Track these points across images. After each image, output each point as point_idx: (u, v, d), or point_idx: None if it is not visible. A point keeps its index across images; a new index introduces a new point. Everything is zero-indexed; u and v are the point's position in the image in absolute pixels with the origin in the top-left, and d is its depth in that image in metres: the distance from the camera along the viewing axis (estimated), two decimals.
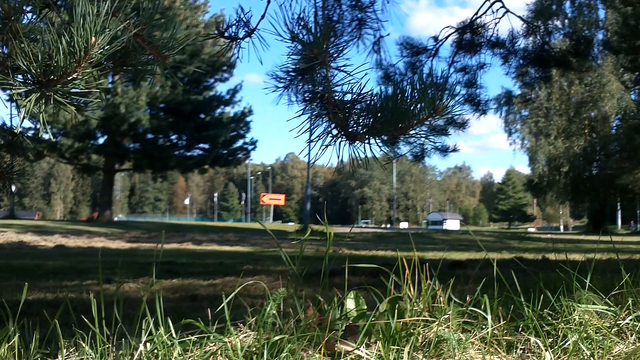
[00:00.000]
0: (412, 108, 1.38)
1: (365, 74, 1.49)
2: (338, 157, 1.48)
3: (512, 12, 5.63)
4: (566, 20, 35.06)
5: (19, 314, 1.38)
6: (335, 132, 1.49)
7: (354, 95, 1.48)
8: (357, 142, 1.48)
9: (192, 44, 21.10)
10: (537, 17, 26.19)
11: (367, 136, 1.47)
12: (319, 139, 1.49)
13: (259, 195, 78.90)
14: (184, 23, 22.92)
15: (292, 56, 1.52)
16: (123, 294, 3.57)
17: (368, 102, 1.47)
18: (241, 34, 1.91)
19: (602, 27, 33.86)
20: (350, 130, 1.48)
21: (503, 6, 5.57)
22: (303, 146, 1.50)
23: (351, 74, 1.49)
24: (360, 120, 1.47)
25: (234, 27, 1.91)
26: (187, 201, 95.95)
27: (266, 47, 1.87)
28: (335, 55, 1.51)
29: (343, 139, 1.49)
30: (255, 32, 1.89)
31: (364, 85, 1.48)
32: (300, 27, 1.48)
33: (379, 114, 1.43)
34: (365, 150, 1.49)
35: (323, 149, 1.50)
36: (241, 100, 48.66)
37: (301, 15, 1.48)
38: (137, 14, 1.37)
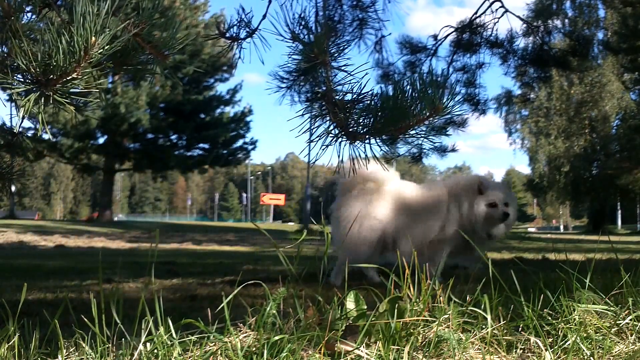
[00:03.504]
0: (412, 108, 1.38)
1: (366, 74, 1.49)
2: (339, 156, 1.48)
3: (511, 12, 5.63)
4: (566, 20, 35.05)
5: (19, 314, 1.38)
6: (335, 131, 1.50)
7: (354, 95, 1.48)
8: (358, 141, 1.48)
9: (192, 44, 21.09)
10: (537, 17, 26.18)
11: (367, 136, 1.47)
12: (319, 139, 1.49)
13: (259, 195, 78.82)
14: (183, 23, 22.89)
15: (293, 56, 1.52)
16: (123, 294, 3.57)
17: (368, 101, 1.47)
18: (242, 34, 1.91)
19: (602, 27, 33.82)
20: (350, 130, 1.48)
21: (502, 6, 5.57)
22: (303, 146, 1.49)
23: (352, 73, 1.49)
24: (361, 120, 1.48)
25: (235, 27, 1.91)
26: (188, 201, 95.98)
27: (267, 47, 1.87)
28: (335, 54, 1.51)
29: (343, 139, 1.49)
30: (256, 32, 1.89)
31: (364, 85, 1.48)
32: (301, 27, 1.48)
33: (379, 114, 1.43)
34: (365, 150, 1.49)
35: (323, 149, 1.50)
36: (241, 100, 48.63)
37: (302, 15, 1.48)
38: (137, 14, 1.37)
